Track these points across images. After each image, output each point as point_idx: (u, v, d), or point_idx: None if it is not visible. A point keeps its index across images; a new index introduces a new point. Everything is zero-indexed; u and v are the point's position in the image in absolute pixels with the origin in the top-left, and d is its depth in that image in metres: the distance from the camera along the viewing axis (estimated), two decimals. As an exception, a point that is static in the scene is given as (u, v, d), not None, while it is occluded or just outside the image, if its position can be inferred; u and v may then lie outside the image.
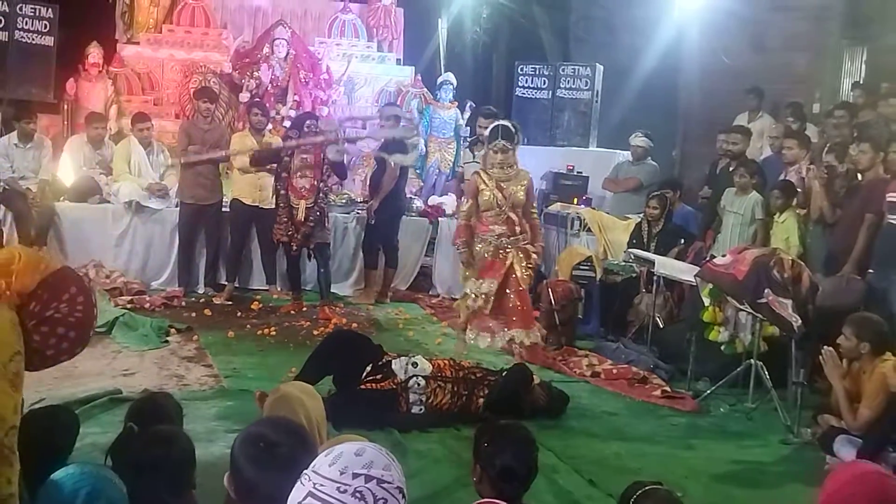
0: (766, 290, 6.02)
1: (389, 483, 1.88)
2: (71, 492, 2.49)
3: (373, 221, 9.14)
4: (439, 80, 11.76)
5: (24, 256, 2.83)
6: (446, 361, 6.01)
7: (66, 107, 10.32)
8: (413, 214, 9.88)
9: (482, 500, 3.09)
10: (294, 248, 8.48)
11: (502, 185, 6.95)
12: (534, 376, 6.13)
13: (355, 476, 1.86)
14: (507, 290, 6.91)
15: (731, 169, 8.49)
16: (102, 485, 2.53)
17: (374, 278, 9.42)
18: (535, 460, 3.30)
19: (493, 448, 3.23)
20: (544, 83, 12.12)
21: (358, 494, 1.83)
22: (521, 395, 5.88)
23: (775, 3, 11.74)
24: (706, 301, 6.70)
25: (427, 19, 14.52)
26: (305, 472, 1.91)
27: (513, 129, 7.08)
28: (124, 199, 8.96)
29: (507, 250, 6.92)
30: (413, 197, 10.15)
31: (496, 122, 7.30)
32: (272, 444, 2.26)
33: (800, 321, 5.96)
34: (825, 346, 5.60)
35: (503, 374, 6.01)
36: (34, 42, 9.96)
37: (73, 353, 2.94)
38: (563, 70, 12.11)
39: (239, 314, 8.42)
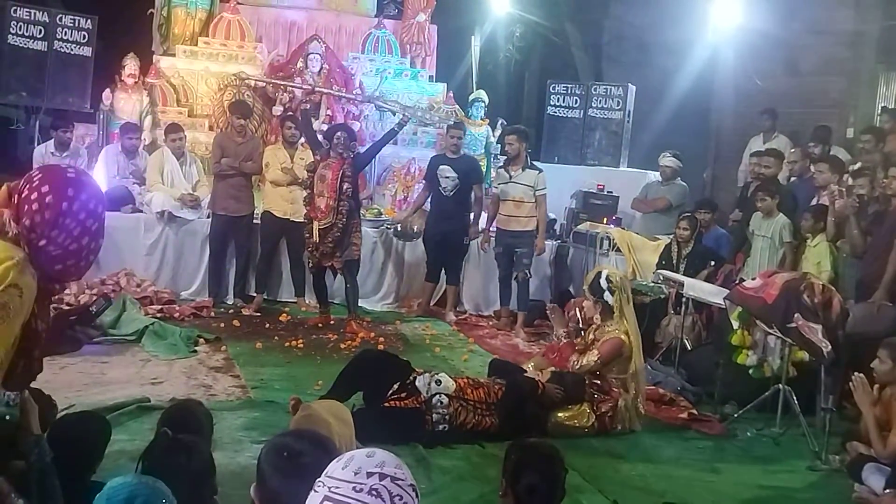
0: (795, 315, 5.98)
1: (403, 480, 1.90)
2: (126, 499, 2.51)
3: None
4: (471, 97, 11.83)
5: None
6: (467, 380, 5.96)
7: (101, 116, 10.45)
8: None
9: None
10: (311, 265, 8.57)
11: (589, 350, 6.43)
12: (538, 381, 6.04)
13: (369, 475, 1.88)
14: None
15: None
16: (157, 497, 2.55)
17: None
18: (561, 480, 3.29)
19: (519, 465, 3.24)
20: (576, 102, 12.13)
21: (374, 492, 1.85)
22: (529, 408, 5.87)
23: (810, 27, 11.69)
24: (735, 324, 6.66)
25: (460, 37, 14.61)
26: (318, 479, 1.93)
27: (603, 284, 6.38)
28: (157, 209, 9.05)
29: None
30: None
31: (597, 270, 6.66)
32: (296, 454, 2.27)
33: (829, 347, 5.91)
34: (856, 373, 5.56)
35: (503, 394, 5.90)
36: (73, 52, 10.12)
37: (86, 228, 2.83)
38: (595, 90, 12.13)
39: (267, 326, 8.46)
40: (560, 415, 6.02)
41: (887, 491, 5.16)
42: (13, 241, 2.75)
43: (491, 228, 9.35)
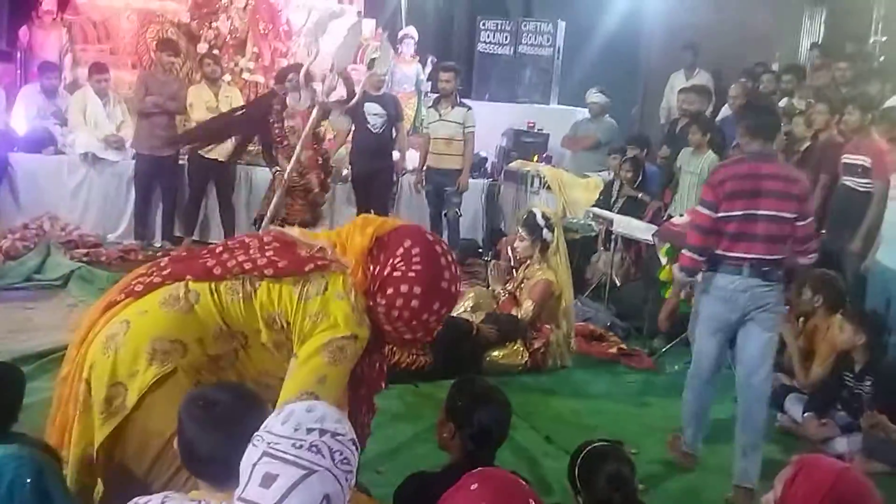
0: (722, 251, 6.07)
1: (343, 436, 1.91)
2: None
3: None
4: (401, 33, 11.67)
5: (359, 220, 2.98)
6: None
7: (19, 55, 10.11)
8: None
9: None
10: None
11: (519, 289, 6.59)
12: (472, 322, 6.14)
13: (309, 431, 1.88)
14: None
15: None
16: (28, 469, 2.38)
17: None
18: (508, 423, 3.31)
19: (472, 409, 3.18)
20: (506, 39, 12.04)
21: (314, 448, 1.86)
22: (464, 348, 5.94)
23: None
24: (663, 260, 6.75)
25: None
26: (257, 433, 1.92)
27: (540, 221, 6.52)
28: (80, 151, 8.84)
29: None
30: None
31: (528, 210, 6.85)
32: (211, 403, 2.26)
33: (755, 281, 6.02)
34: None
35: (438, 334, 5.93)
36: (-14, -12, 9.74)
37: (433, 311, 2.87)
38: (525, 26, 12.04)
39: (197, 268, 8.33)
40: (494, 353, 6.09)
41: (806, 414, 5.33)
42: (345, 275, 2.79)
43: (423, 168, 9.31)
